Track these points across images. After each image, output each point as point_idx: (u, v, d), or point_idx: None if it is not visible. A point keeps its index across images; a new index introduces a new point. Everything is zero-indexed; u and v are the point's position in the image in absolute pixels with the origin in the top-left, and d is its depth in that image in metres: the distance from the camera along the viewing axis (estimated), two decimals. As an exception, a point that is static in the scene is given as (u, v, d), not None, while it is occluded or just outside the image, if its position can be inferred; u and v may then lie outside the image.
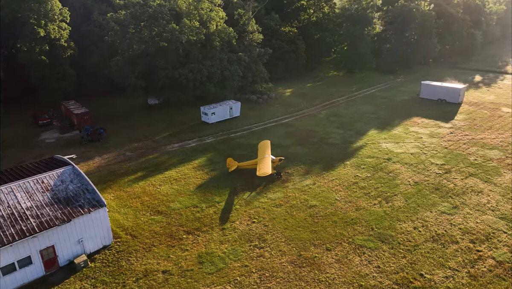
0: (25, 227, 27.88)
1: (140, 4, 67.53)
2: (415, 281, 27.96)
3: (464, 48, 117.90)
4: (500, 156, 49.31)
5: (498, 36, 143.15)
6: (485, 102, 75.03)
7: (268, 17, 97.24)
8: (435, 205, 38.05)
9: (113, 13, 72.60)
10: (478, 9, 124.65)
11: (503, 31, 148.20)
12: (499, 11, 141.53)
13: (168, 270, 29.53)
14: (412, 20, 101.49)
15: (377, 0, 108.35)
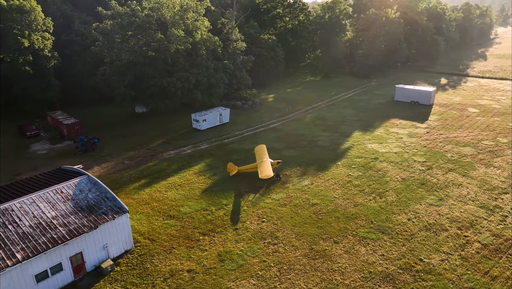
0: (55, 235, 29.00)
1: (128, 15, 68.38)
2: (416, 265, 31.56)
3: (429, 53, 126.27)
4: (472, 152, 54.66)
5: (458, 41, 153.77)
6: (453, 103, 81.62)
7: (248, 25, 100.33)
8: (423, 198, 42.20)
9: (99, 23, 72.93)
10: (439, 17, 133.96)
11: (462, 37, 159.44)
12: (457, 18, 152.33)
13: (192, 269, 31.51)
14: (383, 27, 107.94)
15: (349, 9, 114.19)
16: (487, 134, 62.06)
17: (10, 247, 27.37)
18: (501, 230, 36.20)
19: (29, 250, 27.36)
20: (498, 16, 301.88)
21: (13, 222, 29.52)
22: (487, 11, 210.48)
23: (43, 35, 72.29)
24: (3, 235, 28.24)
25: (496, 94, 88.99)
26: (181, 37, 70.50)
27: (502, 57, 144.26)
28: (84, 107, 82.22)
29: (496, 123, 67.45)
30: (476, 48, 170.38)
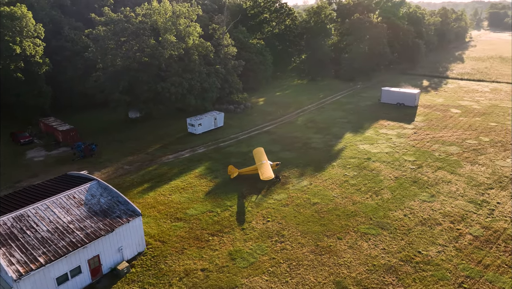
0: (74, 239, 29.84)
1: (122, 21, 68.97)
2: (415, 257, 33.82)
3: (411, 56, 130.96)
4: (458, 151, 57.87)
5: (436, 44, 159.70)
6: (436, 104, 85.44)
7: (237, 31, 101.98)
8: (416, 195, 44.74)
9: (91, 29, 73.21)
10: (419, 21, 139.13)
11: (440, 40, 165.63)
12: (436, 23, 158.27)
13: (206, 268, 32.84)
14: (367, 31, 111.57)
15: (333, 14, 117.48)
16: (470, 133, 65.59)
17: (32, 251, 28.10)
18: (490, 223, 38.97)
19: (50, 254, 28.15)
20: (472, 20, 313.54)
21: (31, 228, 30.19)
22: (462, 15, 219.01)
23: (34, 41, 71.88)
24: (22, 240, 28.91)
25: (475, 95, 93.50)
26: (175, 43, 71.54)
27: (478, 60, 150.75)
28: (74, 113, 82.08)
29: (477, 123, 71.23)
30: (453, 51, 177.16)
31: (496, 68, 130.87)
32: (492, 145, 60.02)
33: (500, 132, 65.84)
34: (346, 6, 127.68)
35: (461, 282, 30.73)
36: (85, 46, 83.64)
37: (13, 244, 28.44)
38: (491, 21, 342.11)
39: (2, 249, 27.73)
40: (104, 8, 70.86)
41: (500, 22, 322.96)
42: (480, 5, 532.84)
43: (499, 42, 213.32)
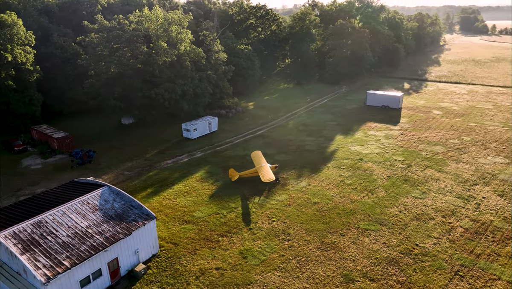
0: (94, 243, 30.90)
1: (116, 28, 69.67)
2: (414, 249, 36.46)
3: (391, 59, 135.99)
4: (443, 150, 61.49)
5: (414, 48, 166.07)
6: (419, 106, 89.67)
7: (225, 36, 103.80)
8: (409, 193, 47.67)
9: (84, 36, 73.53)
10: (398, 26, 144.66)
11: (417, 44, 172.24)
12: (413, 27, 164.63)
13: (220, 266, 34.43)
14: (350, 36, 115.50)
15: (317, 19, 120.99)
16: (452, 133, 69.57)
17: (55, 256, 29.02)
18: (477, 216, 42.16)
19: (74, 258, 29.14)
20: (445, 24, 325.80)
21: (51, 233, 31.06)
22: (437, 20, 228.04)
23: (25, 49, 71.68)
24: (45, 245, 29.78)
25: (454, 97, 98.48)
26: (167, 50, 72.73)
27: (454, 63, 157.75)
28: (64, 120, 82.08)
29: (458, 123, 75.48)
30: (430, 54, 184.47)
31: (470, 71, 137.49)
32: (473, 144, 63.98)
33: (479, 132, 70.10)
34: (328, 12, 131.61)
35: (456, 271, 33.49)
36: (75, 53, 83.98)
37: (36, 249, 29.28)
38: (462, 25, 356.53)
39: (26, 254, 28.55)
40: (97, 15, 71.50)
41: (471, 26, 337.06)
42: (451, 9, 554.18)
43: (471, 46, 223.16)
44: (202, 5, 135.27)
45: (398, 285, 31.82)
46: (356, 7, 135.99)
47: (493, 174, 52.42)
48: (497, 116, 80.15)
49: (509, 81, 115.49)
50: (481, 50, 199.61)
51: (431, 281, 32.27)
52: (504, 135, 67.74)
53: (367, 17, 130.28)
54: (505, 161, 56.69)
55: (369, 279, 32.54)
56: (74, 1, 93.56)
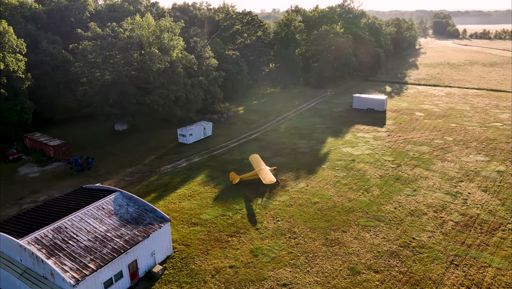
0: (115, 246, 32.15)
1: (110, 36, 70.38)
2: (411, 243, 39.33)
3: (372, 63, 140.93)
4: (429, 150, 65.26)
5: (393, 52, 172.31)
6: (402, 108, 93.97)
7: (213, 42, 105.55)
8: (401, 190, 50.78)
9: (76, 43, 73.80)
10: (378, 31, 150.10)
11: (395, 48, 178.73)
12: (392, 32, 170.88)
13: (233, 265, 36.22)
14: (333, 42, 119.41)
15: (302, 25, 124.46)
16: (435, 134, 73.69)
17: (80, 259, 30.15)
18: (465, 210, 45.59)
19: (98, 260, 30.34)
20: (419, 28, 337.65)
21: (72, 238, 32.13)
22: (412, 25, 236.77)
23: (16, 56, 71.35)
24: (68, 250, 30.85)
25: (433, 99, 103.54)
26: (161, 56, 73.92)
27: (430, 66, 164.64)
28: (55, 127, 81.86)
29: (440, 124, 79.86)
30: (407, 58, 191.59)
31: (446, 74, 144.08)
32: (455, 144, 68.13)
33: (460, 132, 74.53)
34: (311, 18, 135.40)
35: (451, 260, 36.50)
36: (65, 60, 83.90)
37: (60, 253, 30.32)
38: (435, 29, 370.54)
39: (52, 259, 29.57)
40: (90, 23, 71.99)
41: (443, 30, 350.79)
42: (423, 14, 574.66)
43: (445, 50, 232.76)
44: (187, 11, 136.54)
45: (401, 275, 34.51)
46: (338, 13, 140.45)
47: (476, 171, 56.32)
48: (474, 117, 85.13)
49: (483, 84, 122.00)
50: (455, 53, 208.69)
51: (429, 270, 35.12)
52: (482, 135, 72.31)
53: (348, 23, 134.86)
54: (485, 159, 60.85)
55: (373, 271, 35.08)
56: (61, 8, 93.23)
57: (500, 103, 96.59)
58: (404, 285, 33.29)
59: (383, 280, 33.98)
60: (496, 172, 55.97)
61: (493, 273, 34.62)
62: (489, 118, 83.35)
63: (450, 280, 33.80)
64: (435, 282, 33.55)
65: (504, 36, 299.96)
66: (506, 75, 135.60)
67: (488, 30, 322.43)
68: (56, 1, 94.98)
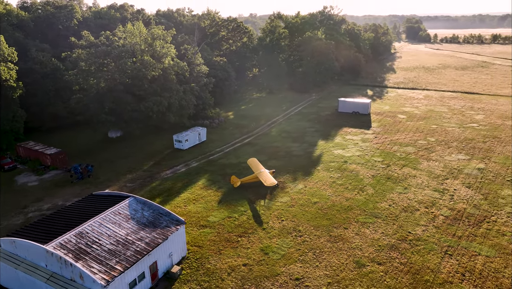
0: (138, 248, 33.68)
1: (105, 44, 71.13)
2: (408, 236, 42.60)
3: (353, 68, 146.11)
4: (414, 150, 69.42)
5: (371, 57, 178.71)
6: (385, 111, 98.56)
7: (201, 49, 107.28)
8: (393, 189, 54.28)
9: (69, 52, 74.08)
10: (357, 37, 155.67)
11: (373, 53, 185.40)
12: (370, 38, 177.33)
13: (246, 263, 38.32)
14: (317, 47, 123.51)
15: (286, 32, 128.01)
16: (419, 135, 78.18)
17: (106, 262, 31.55)
18: (453, 205, 49.42)
19: (124, 262, 31.82)
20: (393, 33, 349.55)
21: (95, 242, 33.44)
22: (388, 30, 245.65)
23: (7, 65, 71.01)
24: (93, 253, 32.18)
25: (413, 102, 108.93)
26: (155, 64, 75.23)
27: (407, 70, 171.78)
28: (46, 135, 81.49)
29: (422, 126, 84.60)
30: (384, 62, 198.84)
31: (423, 77, 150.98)
32: (438, 144, 72.68)
33: (441, 133, 79.37)
34: (294, 24, 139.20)
35: (445, 251, 39.93)
36: (55, 68, 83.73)
37: (86, 257, 31.62)
38: (408, 34, 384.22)
39: (79, 262, 30.86)
40: (84, 31, 72.42)
41: (416, 35, 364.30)
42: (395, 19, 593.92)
43: (419, 54, 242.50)
44: (172, 18, 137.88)
45: (402, 266, 37.59)
46: (319, 20, 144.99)
47: (459, 169, 60.65)
48: (452, 118, 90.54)
49: (457, 87, 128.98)
50: (428, 57, 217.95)
51: (427, 260, 38.38)
52: (461, 135, 77.33)
53: (330, 29, 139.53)
54: (466, 158, 65.44)
55: (377, 263, 38.02)
56: (49, 16, 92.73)
57: (474, 105, 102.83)
58: (406, 275, 36.36)
59: (387, 271, 36.95)
60: (477, 169, 60.45)
61: (483, 261, 38.22)
62: (465, 120, 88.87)
63: (446, 268, 37.14)
64: (433, 271, 36.80)
65: (472, 40, 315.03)
66: (477, 78, 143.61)
67: (457, 35, 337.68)
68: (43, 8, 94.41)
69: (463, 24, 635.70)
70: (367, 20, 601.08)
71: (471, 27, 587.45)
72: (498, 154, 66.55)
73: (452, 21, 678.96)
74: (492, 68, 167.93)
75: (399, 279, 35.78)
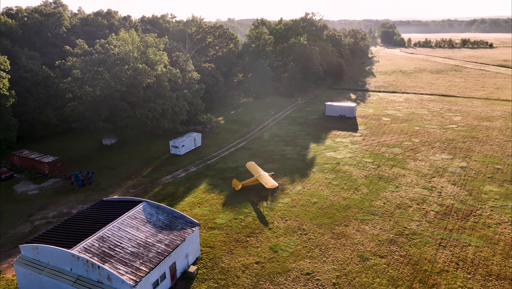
0: (159, 250, 35.34)
1: (101, 53, 71.92)
2: (404, 231, 45.92)
3: (335, 72, 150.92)
4: (401, 151, 73.53)
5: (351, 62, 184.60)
6: (369, 114, 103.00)
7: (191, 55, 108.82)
8: (386, 188, 57.79)
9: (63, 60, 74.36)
10: (338, 42, 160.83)
11: (353, 57, 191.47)
12: (350, 43, 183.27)
13: (258, 261, 40.53)
14: (302, 53, 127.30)
15: (271, 38, 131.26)
16: (403, 137, 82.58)
17: (131, 263, 33.10)
18: (442, 201, 53.30)
19: (148, 264, 33.44)
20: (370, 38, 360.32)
21: (117, 246, 34.89)
22: (366, 35, 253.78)
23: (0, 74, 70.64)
24: (117, 256, 33.65)
25: (395, 105, 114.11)
26: (150, 71, 76.53)
27: (386, 74, 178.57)
28: (38, 143, 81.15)
29: (406, 128, 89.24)
30: (363, 66, 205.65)
31: (401, 81, 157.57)
32: (422, 144, 77.16)
33: (424, 134, 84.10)
34: (278, 30, 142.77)
35: (439, 243, 43.43)
36: (45, 76, 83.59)
37: (111, 260, 33.06)
38: (383, 38, 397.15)
39: (106, 264, 32.29)
40: (78, 40, 73.18)
41: (390, 39, 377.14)
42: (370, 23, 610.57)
43: (395, 58, 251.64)
44: (157, 24, 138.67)
45: (402, 258, 40.75)
46: (302, 26, 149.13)
47: (444, 168, 64.95)
48: (433, 120, 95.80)
49: (434, 90, 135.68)
50: (404, 61, 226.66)
51: (424, 252, 41.71)
52: (443, 136, 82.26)
53: (312, 35, 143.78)
54: (449, 157, 69.99)
55: (379, 257, 41.04)
56: (37, 23, 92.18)
57: (451, 107, 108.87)
58: (406, 266, 39.52)
59: (389, 263, 40.01)
60: (460, 167, 64.93)
61: (473, 250, 41.89)
62: (445, 121, 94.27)
63: (441, 259, 40.55)
64: (430, 261, 40.13)
65: (443, 45, 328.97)
66: (451, 82, 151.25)
67: (430, 39, 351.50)
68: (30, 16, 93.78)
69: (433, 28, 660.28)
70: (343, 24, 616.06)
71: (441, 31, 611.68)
72: (478, 153, 71.48)
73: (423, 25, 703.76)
74: (465, 72, 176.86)
75: (401, 270, 38.89)
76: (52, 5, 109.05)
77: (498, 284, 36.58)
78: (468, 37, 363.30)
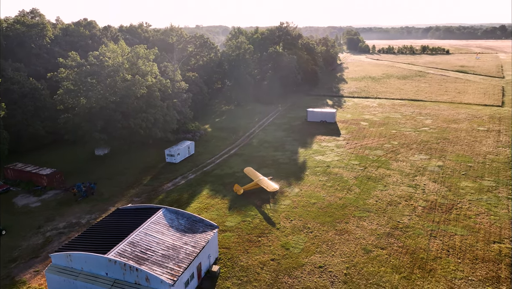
0: (188, 252, 37.98)
1: (96, 65, 72.90)
2: (398, 225, 50.97)
3: (311, 79, 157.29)
4: (383, 153, 79.54)
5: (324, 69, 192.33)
6: (348, 119, 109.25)
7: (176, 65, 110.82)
8: (375, 187, 63.02)
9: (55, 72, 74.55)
10: (312, 50, 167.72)
11: (325, 65, 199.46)
12: (322, 51, 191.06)
13: (273, 258, 43.96)
14: (280, 62, 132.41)
15: (251, 47, 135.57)
16: (383, 140, 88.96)
17: (165, 264, 35.59)
18: (426, 197, 59.11)
19: (180, 264, 36.04)
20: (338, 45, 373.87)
21: (147, 250, 37.23)
22: (335, 43, 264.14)
23: (-10, 87, 70.06)
24: (150, 259, 36.01)
25: (370, 110, 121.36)
26: (143, 82, 78.27)
27: (356, 80, 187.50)
28: (28, 156, 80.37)
29: (384, 131, 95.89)
30: (334, 73, 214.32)
31: (372, 87, 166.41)
32: (401, 146, 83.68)
33: (401, 137, 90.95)
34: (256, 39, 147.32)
35: (430, 234, 48.77)
36: (33, 88, 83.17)
37: (146, 262, 35.40)
38: (349, 45, 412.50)
39: (142, 266, 34.62)
40: (71, 52, 73.62)
41: (356, 45, 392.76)
42: (334, 30, 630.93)
43: (363, 64, 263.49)
44: (136, 34, 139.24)
45: (400, 249, 45.61)
46: (278, 35, 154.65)
47: (423, 167, 71.32)
48: (407, 123, 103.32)
49: (403, 95, 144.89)
50: (372, 68, 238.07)
51: (418, 243, 46.82)
52: (418, 138, 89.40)
53: (288, 44, 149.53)
54: (427, 157, 76.67)
55: (380, 248, 45.68)
56: (20, 34, 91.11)
57: (422, 111, 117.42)
58: (405, 255, 44.38)
59: (390, 253, 44.71)
60: (437, 166, 71.54)
61: (459, 239, 47.51)
62: (418, 124, 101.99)
63: (434, 247, 45.78)
64: (425, 250, 45.24)
65: (405, 51, 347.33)
66: (418, 87, 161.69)
67: (392, 46, 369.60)
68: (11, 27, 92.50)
69: (393, 35, 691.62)
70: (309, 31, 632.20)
71: (401, 38, 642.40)
72: (451, 153, 78.74)
73: (384, 32, 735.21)
74: (428, 77, 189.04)
75: (401, 259, 43.67)
76: (30, 15, 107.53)
77: (484, 266, 42.14)
78: (426, 43, 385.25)
